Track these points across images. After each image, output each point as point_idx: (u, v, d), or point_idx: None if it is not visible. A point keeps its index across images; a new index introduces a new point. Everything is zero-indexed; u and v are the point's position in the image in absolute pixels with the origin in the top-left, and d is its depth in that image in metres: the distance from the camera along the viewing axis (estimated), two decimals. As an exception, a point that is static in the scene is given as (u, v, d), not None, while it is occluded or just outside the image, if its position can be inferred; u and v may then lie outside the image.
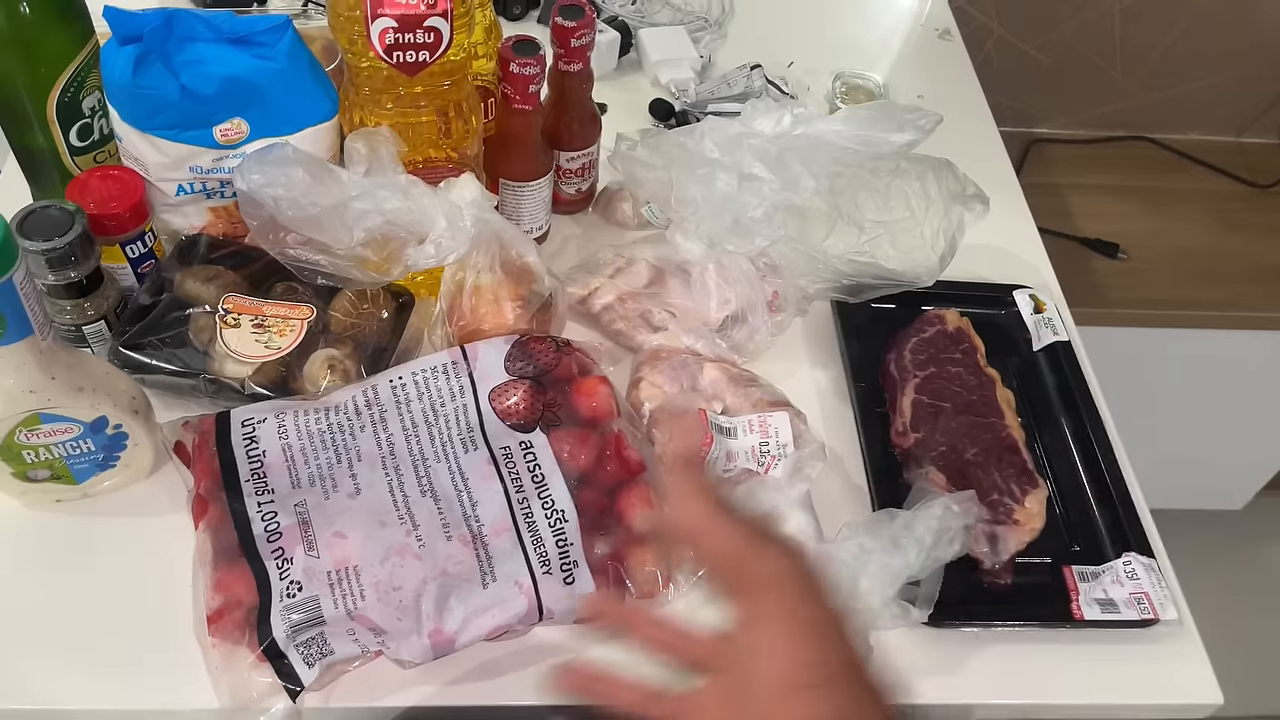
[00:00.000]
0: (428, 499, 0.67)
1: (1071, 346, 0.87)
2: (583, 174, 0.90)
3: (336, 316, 0.76)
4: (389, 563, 0.63)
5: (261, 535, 0.64)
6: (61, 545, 0.68)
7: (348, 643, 0.61)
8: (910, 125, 0.76)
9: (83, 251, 0.70)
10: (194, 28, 0.67)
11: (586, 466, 0.70)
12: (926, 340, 0.83)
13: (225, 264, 0.78)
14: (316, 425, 0.68)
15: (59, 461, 0.66)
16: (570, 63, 0.81)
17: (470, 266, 0.74)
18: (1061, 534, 0.77)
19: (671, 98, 1.04)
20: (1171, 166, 1.61)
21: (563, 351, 0.73)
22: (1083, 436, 0.82)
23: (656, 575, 0.67)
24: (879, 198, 0.80)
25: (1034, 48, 1.49)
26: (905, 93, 1.11)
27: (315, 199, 0.62)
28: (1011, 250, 0.98)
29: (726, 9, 1.17)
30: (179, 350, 0.73)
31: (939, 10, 1.26)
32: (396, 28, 0.64)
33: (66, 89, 0.72)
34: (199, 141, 0.70)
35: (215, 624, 0.62)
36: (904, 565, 0.64)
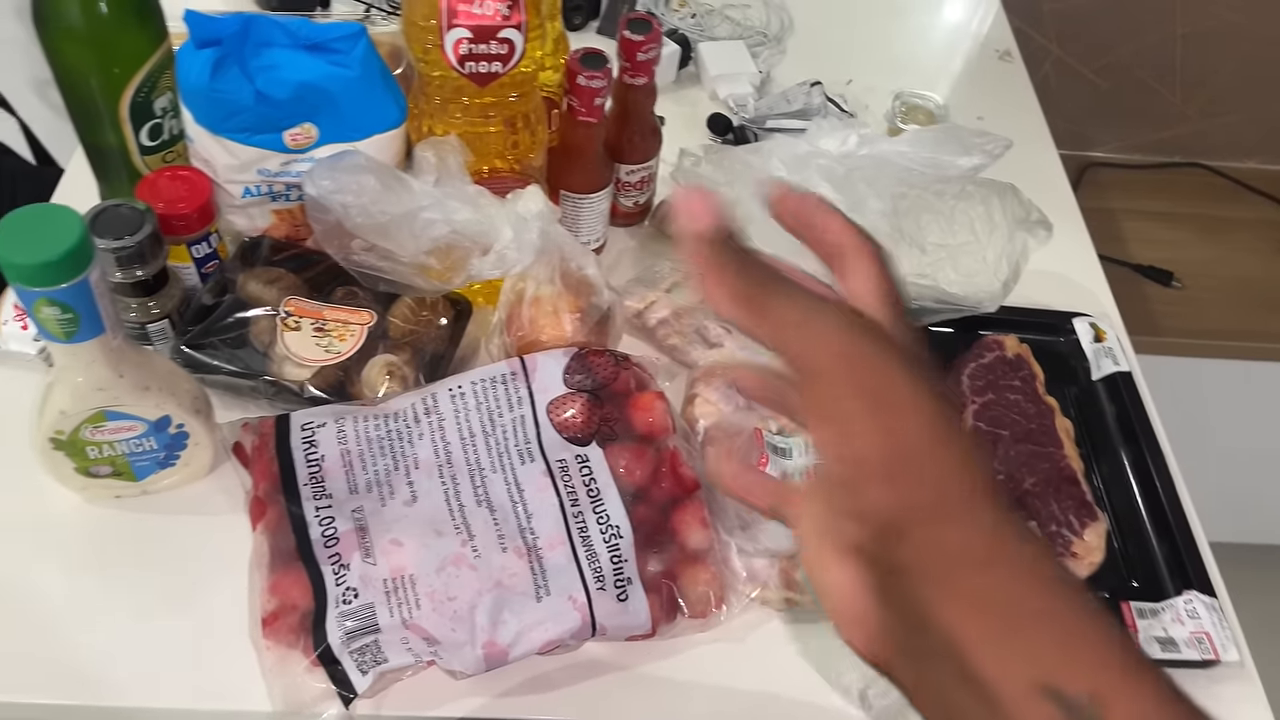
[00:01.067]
0: (483, 509, 0.67)
1: (1132, 377, 0.86)
2: (641, 187, 0.90)
3: (395, 323, 0.76)
4: (444, 573, 0.63)
5: (319, 540, 0.64)
6: (119, 541, 0.69)
7: (401, 651, 0.61)
8: (978, 149, 0.75)
9: (151, 251, 0.70)
10: (271, 33, 0.67)
11: (642, 482, 0.69)
12: (985, 366, 0.82)
13: (287, 266, 0.78)
14: (375, 431, 0.69)
15: (121, 458, 0.67)
16: (635, 76, 0.81)
17: (531, 277, 0.74)
18: (1120, 569, 0.75)
19: (730, 112, 1.04)
20: (1228, 194, 1.58)
21: (621, 365, 0.73)
22: (1143, 469, 0.80)
23: (710, 595, 0.67)
24: (943, 220, 0.79)
25: (1092, 71, 1.47)
26: (964, 114, 1.10)
27: (385, 207, 0.62)
28: (1070, 276, 0.97)
29: (786, 24, 1.17)
30: (239, 351, 0.74)
31: (999, 31, 1.25)
32: (471, 38, 0.65)
33: (140, 89, 0.73)
34: (269, 145, 0.71)
35: (270, 627, 0.62)
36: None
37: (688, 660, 0.68)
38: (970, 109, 1.11)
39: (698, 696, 0.67)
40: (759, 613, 0.70)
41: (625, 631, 0.65)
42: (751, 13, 1.17)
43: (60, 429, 0.63)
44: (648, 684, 0.67)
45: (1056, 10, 1.39)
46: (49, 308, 0.55)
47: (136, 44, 0.72)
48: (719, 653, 0.68)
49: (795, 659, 0.69)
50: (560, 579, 0.64)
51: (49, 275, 0.53)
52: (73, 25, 0.69)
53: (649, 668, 0.67)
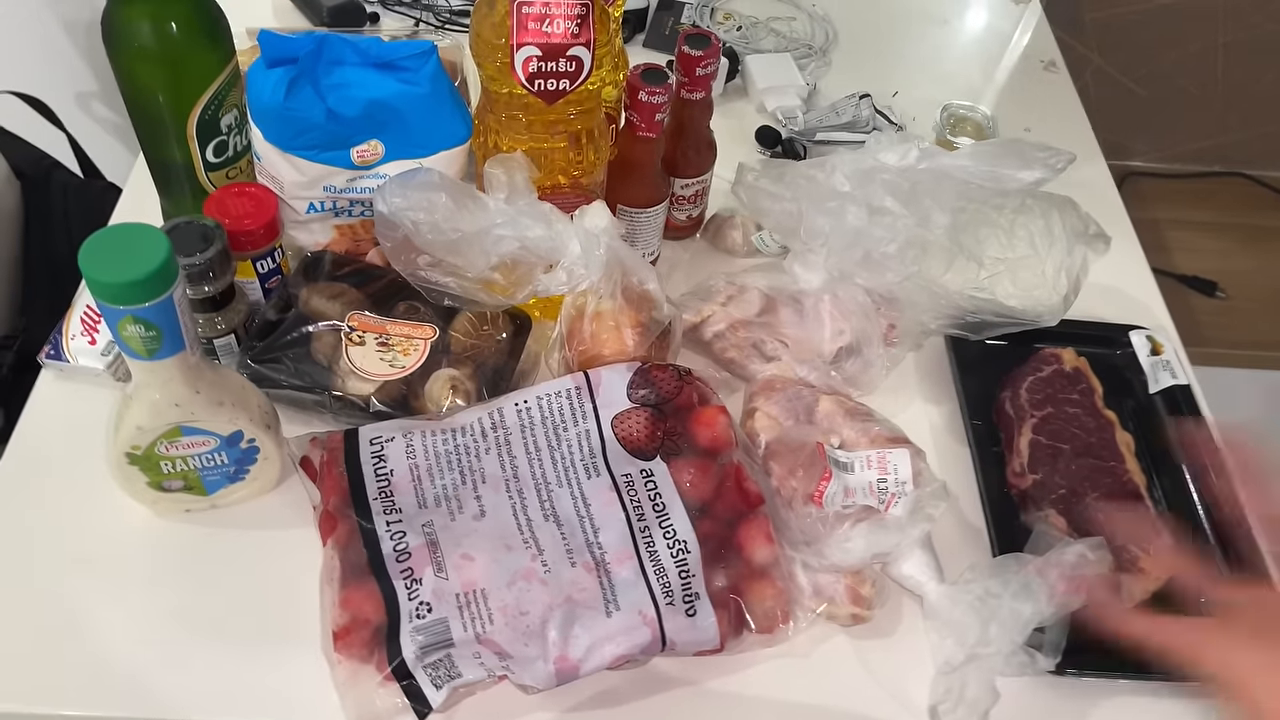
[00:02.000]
0: (550, 523, 0.67)
1: (1190, 391, 0.85)
2: (695, 200, 0.90)
3: (456, 337, 0.77)
4: (515, 587, 0.64)
5: (391, 554, 0.64)
6: (189, 555, 0.70)
7: (474, 666, 0.61)
8: (1039, 163, 0.75)
9: (220, 267, 0.71)
10: (342, 52, 0.68)
11: (706, 497, 0.69)
12: (1043, 380, 0.82)
13: (349, 282, 0.79)
14: (443, 445, 0.69)
15: (193, 473, 0.68)
16: (693, 91, 0.81)
17: (592, 292, 0.74)
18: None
19: (778, 125, 1.04)
20: (1270, 204, 1.57)
21: (684, 380, 0.73)
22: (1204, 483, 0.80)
23: (777, 611, 0.67)
24: (1002, 234, 0.79)
25: (1133, 80, 1.47)
26: (1011, 125, 1.10)
27: (457, 224, 0.63)
28: (1123, 289, 0.97)
29: (830, 36, 1.17)
30: (304, 366, 0.74)
31: (1043, 41, 1.25)
32: (540, 56, 0.65)
33: (208, 107, 0.74)
34: (337, 162, 0.72)
35: (342, 641, 0.63)
36: (1035, 612, 0.63)
37: (754, 676, 0.68)
38: (1017, 120, 1.11)
39: (764, 712, 0.67)
40: (825, 628, 0.70)
41: (694, 647, 0.65)
42: (797, 25, 1.17)
43: (136, 444, 0.64)
44: (715, 699, 0.67)
45: (1099, 20, 1.39)
46: (134, 325, 0.56)
47: (206, 63, 0.72)
48: (785, 668, 0.68)
49: (862, 675, 0.68)
50: (629, 594, 0.64)
51: (136, 294, 0.54)
52: (144, 45, 0.70)
53: (716, 683, 0.67)
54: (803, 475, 0.72)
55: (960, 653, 0.64)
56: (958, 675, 0.64)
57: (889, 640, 0.70)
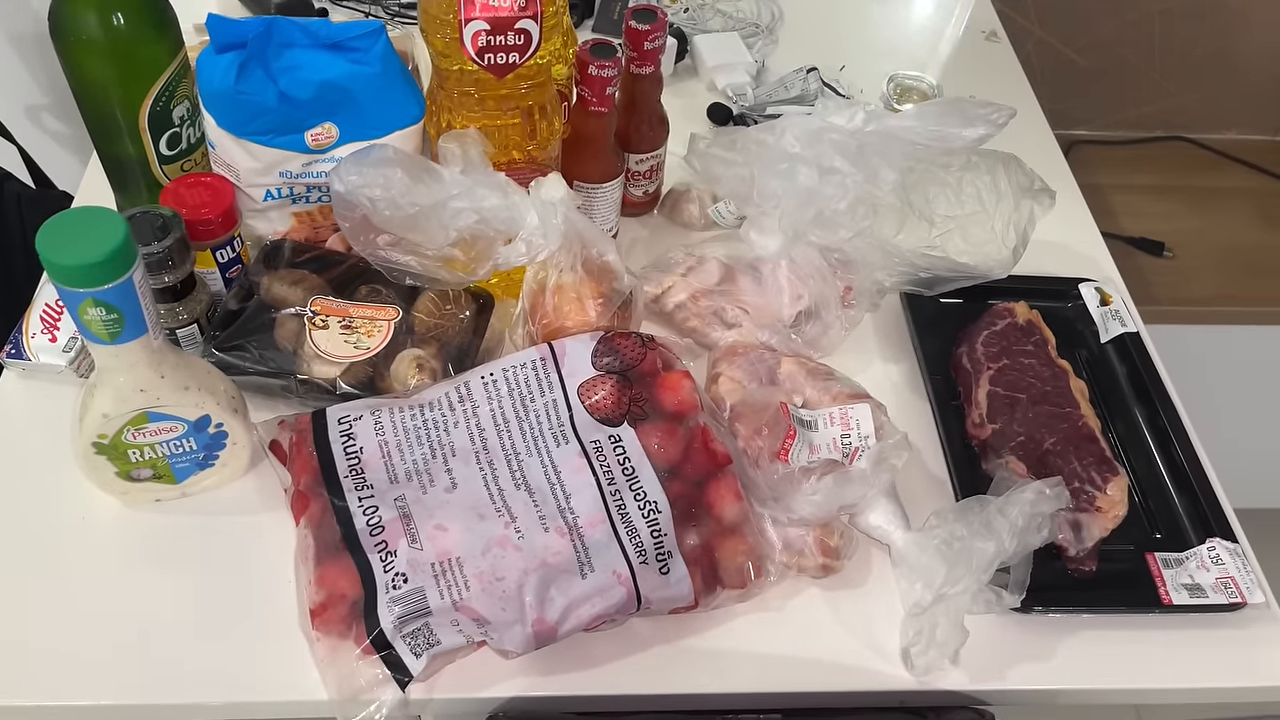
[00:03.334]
0: (522, 492, 0.68)
1: (1140, 337, 0.88)
2: (650, 176, 0.91)
3: (420, 317, 0.78)
4: (490, 554, 0.64)
5: (364, 529, 0.65)
6: (162, 543, 0.70)
7: (452, 633, 0.61)
8: (982, 120, 0.77)
9: (179, 256, 0.71)
10: (292, 34, 0.68)
11: (675, 459, 0.70)
12: (998, 333, 0.84)
13: (309, 268, 0.79)
14: (411, 421, 0.70)
15: (162, 460, 0.68)
16: (642, 65, 0.83)
17: (553, 266, 0.75)
18: (1142, 521, 0.77)
19: (729, 102, 1.05)
20: (1210, 165, 1.61)
21: (648, 347, 0.74)
22: (1157, 425, 0.82)
23: (748, 566, 0.68)
24: (950, 192, 0.81)
25: (1074, 50, 1.50)
26: (956, 94, 1.12)
27: (414, 198, 0.64)
28: (1070, 245, 0.99)
29: (776, 15, 1.19)
30: (269, 352, 0.75)
31: (983, 13, 1.27)
32: (489, 30, 0.66)
33: (159, 98, 0.74)
34: (291, 146, 0.72)
35: (319, 618, 0.63)
36: (998, 550, 0.65)
37: (729, 630, 0.69)
38: (962, 88, 1.13)
39: (742, 666, 0.68)
40: (796, 581, 0.71)
41: (669, 604, 0.66)
42: (743, 5, 1.19)
43: (103, 432, 0.64)
44: (692, 656, 0.68)
45: (1037, -10, 1.42)
46: (95, 309, 0.56)
47: (155, 54, 0.73)
48: (760, 622, 0.69)
49: (834, 624, 0.70)
50: (603, 555, 0.65)
51: (95, 275, 0.55)
52: (91, 38, 0.70)
53: (692, 640, 0.68)
54: (768, 434, 0.73)
55: (929, 594, 0.66)
56: (927, 616, 0.66)
57: (859, 590, 0.72)
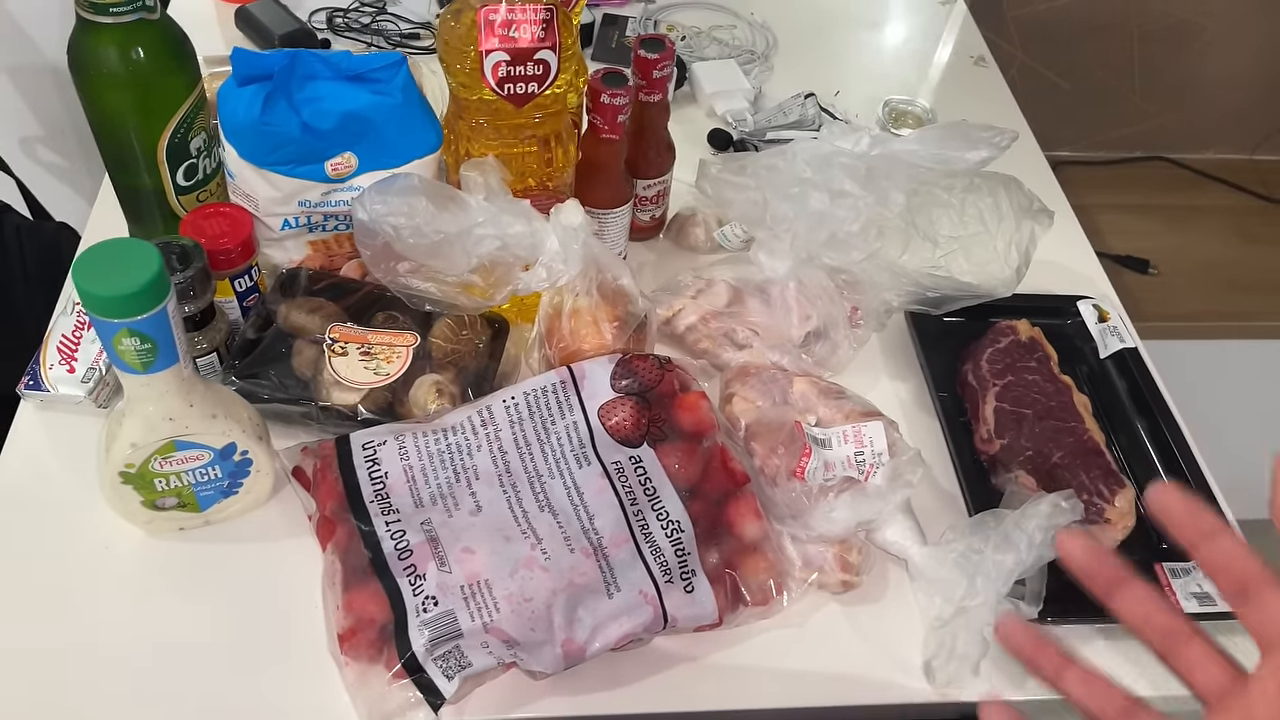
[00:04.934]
0: (546, 514, 0.69)
1: (1139, 352, 0.90)
2: (657, 201, 0.93)
3: (437, 343, 0.78)
4: (518, 575, 0.65)
5: (392, 553, 0.65)
6: (187, 572, 0.70)
7: (483, 655, 0.62)
8: (984, 143, 0.79)
9: (201, 286, 0.72)
10: (314, 67, 0.69)
11: (694, 479, 0.72)
12: (1002, 350, 0.86)
13: (326, 296, 0.80)
14: (435, 446, 0.70)
15: (187, 489, 0.68)
16: (651, 93, 0.84)
17: (569, 290, 0.76)
18: (1149, 533, 0.79)
19: (728, 127, 1.07)
20: (1189, 184, 1.65)
21: (665, 369, 0.75)
22: (1159, 438, 0.84)
23: (770, 583, 0.69)
24: (953, 213, 0.83)
25: (1056, 73, 1.53)
26: (948, 117, 1.15)
27: (439, 226, 0.65)
28: (1066, 264, 1.01)
29: (771, 42, 1.21)
30: (288, 380, 0.75)
31: (970, 37, 1.30)
32: (509, 60, 0.67)
33: (177, 130, 0.75)
34: (311, 176, 0.73)
35: (348, 643, 0.64)
36: (1017, 562, 0.66)
37: (753, 647, 0.70)
38: (954, 113, 1.16)
39: (766, 681, 0.69)
40: (817, 597, 0.72)
41: (694, 622, 0.67)
42: (738, 33, 1.21)
43: (131, 462, 0.64)
44: (717, 672, 0.69)
45: (1019, 17, 1.45)
46: (129, 339, 0.56)
47: (174, 86, 0.73)
48: (782, 638, 0.70)
49: (855, 639, 0.71)
50: (628, 575, 0.66)
51: (131, 306, 0.55)
52: (112, 71, 0.71)
53: (716, 657, 0.69)
54: (784, 453, 0.75)
55: (949, 608, 0.67)
56: (948, 629, 0.67)
57: (878, 605, 0.73)
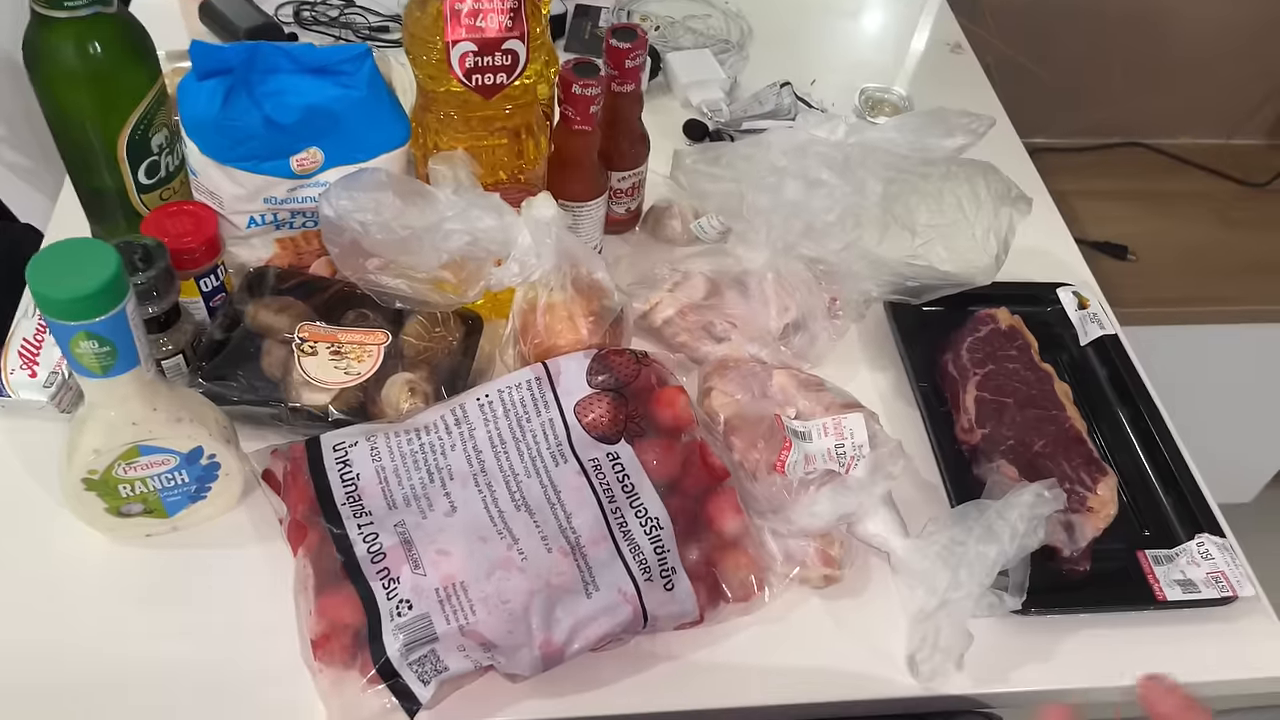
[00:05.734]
0: (522, 513, 0.67)
1: (1119, 339, 0.89)
2: (632, 193, 0.92)
3: (409, 341, 0.77)
4: (494, 577, 0.64)
5: (365, 557, 0.64)
6: (154, 580, 0.68)
7: (459, 659, 0.61)
8: (962, 129, 0.78)
9: (164, 286, 0.70)
10: (276, 60, 0.68)
11: (673, 475, 0.70)
12: (982, 339, 0.85)
13: (294, 294, 0.78)
14: (408, 446, 0.69)
15: (153, 495, 0.66)
16: (624, 83, 0.83)
17: (543, 285, 0.75)
18: (1131, 520, 0.78)
19: (704, 118, 1.06)
20: (1166, 170, 1.65)
21: (641, 363, 0.74)
22: (1141, 425, 0.84)
23: (751, 579, 0.68)
24: (931, 201, 0.82)
25: (1031, 60, 1.53)
26: (925, 105, 1.13)
27: (407, 221, 0.63)
28: (1045, 251, 1.01)
29: (746, 31, 1.20)
30: (257, 381, 0.74)
31: (946, 25, 1.30)
32: (476, 51, 0.66)
33: (137, 127, 0.73)
34: (276, 172, 0.71)
35: (321, 649, 0.62)
36: (1000, 553, 0.66)
37: (734, 644, 0.69)
38: (931, 99, 1.15)
39: (748, 679, 0.68)
40: (798, 592, 0.71)
41: (674, 620, 0.66)
42: (712, 22, 1.20)
43: (94, 468, 0.63)
44: (698, 671, 0.68)
45: (994, 3, 1.45)
46: (87, 341, 0.55)
47: (133, 82, 0.72)
48: (764, 635, 0.69)
49: (839, 633, 0.70)
50: (607, 574, 0.65)
51: (88, 308, 0.53)
52: (68, 67, 0.69)
53: (698, 655, 0.68)
54: (764, 447, 0.74)
55: (932, 600, 0.66)
56: (931, 622, 0.66)
57: (860, 599, 0.72)
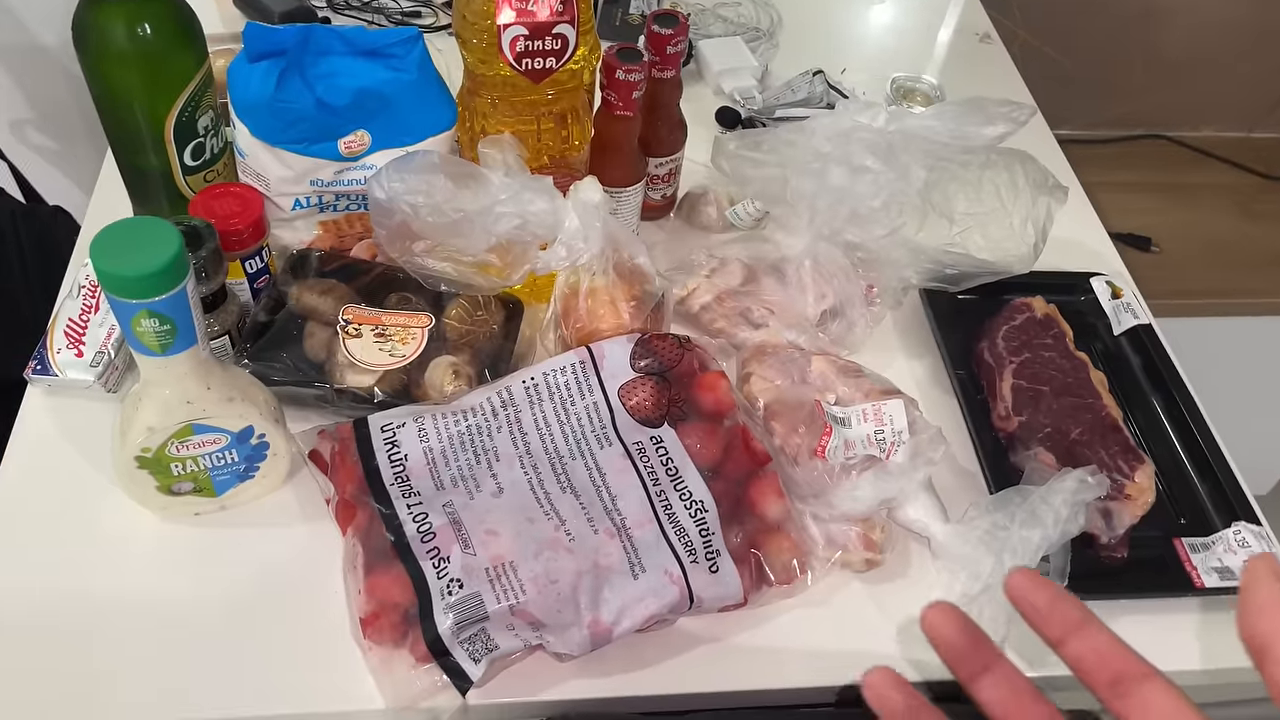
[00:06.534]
0: (568, 495, 0.68)
1: (1153, 329, 0.90)
2: (668, 180, 0.92)
3: (451, 324, 0.77)
4: (543, 557, 0.64)
5: (415, 536, 0.65)
6: (204, 558, 0.69)
7: (509, 637, 0.61)
8: (1002, 118, 0.78)
9: (213, 268, 0.71)
10: (329, 42, 0.68)
11: (716, 458, 0.71)
12: (1017, 327, 0.86)
13: (337, 277, 0.79)
14: (455, 427, 0.69)
15: (203, 473, 0.67)
16: (664, 69, 0.83)
17: (584, 270, 0.75)
18: (1167, 508, 0.79)
19: (736, 105, 1.06)
20: (1189, 162, 1.65)
21: (684, 348, 0.74)
22: (1175, 414, 0.84)
23: (794, 563, 0.69)
24: (970, 190, 0.82)
25: (1057, 51, 1.53)
26: (956, 94, 1.14)
27: (459, 204, 0.64)
28: (1078, 241, 1.01)
29: (776, 20, 1.20)
30: (301, 363, 0.74)
31: (974, 15, 1.30)
32: (527, 35, 0.66)
33: (185, 108, 0.73)
34: (325, 154, 0.72)
35: (371, 626, 0.63)
36: (1043, 538, 0.66)
37: (777, 627, 0.69)
38: (961, 89, 1.15)
39: (790, 661, 0.68)
40: (840, 575, 0.72)
41: (719, 602, 0.66)
42: (742, 10, 1.20)
43: (147, 446, 0.63)
44: (741, 652, 0.68)
45: (1021, -6, 1.45)
46: (149, 320, 0.55)
47: (181, 64, 0.72)
48: (806, 617, 0.70)
49: (880, 617, 0.71)
50: (653, 555, 0.65)
51: (151, 286, 0.54)
52: (118, 48, 0.70)
53: (741, 637, 0.69)
54: (804, 432, 0.74)
55: (976, 584, 0.67)
56: (974, 606, 0.67)
57: (900, 582, 0.73)
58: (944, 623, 0.36)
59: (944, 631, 0.36)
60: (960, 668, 0.36)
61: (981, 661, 0.36)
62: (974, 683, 0.36)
